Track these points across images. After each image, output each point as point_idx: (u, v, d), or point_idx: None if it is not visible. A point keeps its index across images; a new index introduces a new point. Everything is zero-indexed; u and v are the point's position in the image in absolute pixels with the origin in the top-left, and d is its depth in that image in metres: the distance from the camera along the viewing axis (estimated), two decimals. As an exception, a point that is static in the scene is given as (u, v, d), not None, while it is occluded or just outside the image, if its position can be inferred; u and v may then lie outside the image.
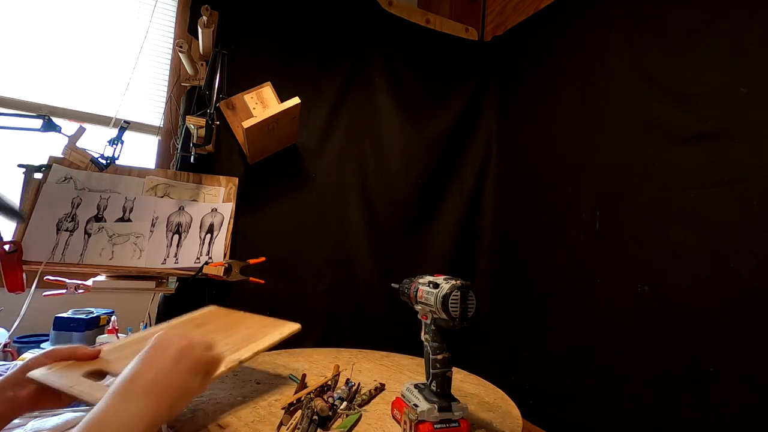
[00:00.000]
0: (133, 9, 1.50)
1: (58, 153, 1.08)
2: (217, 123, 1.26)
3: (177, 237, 1.21)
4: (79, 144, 1.08)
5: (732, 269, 0.90)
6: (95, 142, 1.12)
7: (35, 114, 1.01)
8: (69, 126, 1.07)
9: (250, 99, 1.35)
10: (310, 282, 1.45)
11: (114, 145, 1.12)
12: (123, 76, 1.39)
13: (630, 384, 1.07)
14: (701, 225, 0.96)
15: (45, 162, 1.12)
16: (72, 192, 1.13)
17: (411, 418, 0.67)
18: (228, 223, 1.27)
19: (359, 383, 0.92)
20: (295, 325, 0.88)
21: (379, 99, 1.62)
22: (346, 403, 0.80)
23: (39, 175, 1.10)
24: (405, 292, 0.80)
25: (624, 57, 1.19)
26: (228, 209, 1.29)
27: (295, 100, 1.24)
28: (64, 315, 1.17)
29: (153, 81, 1.51)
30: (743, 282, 0.88)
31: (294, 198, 1.45)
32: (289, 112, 1.25)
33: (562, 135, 1.38)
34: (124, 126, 1.13)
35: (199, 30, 1.22)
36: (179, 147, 1.26)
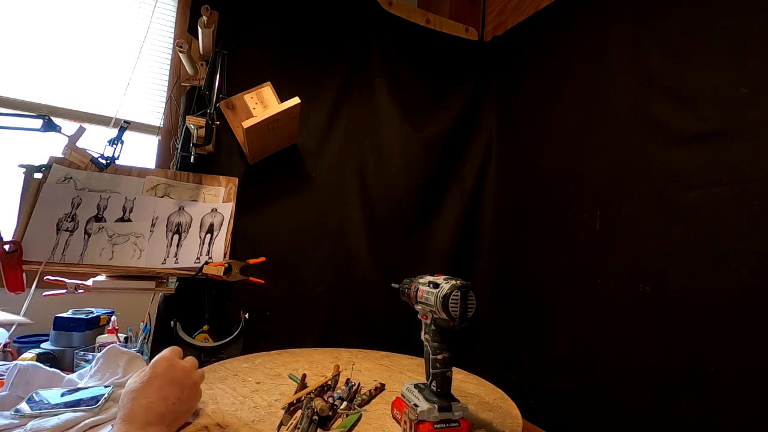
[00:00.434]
0: (133, 9, 1.50)
1: (58, 153, 1.08)
2: (217, 123, 1.26)
3: (177, 237, 1.21)
4: (79, 144, 1.07)
5: (732, 269, 0.90)
6: (95, 142, 1.12)
7: (35, 114, 1.00)
8: (69, 126, 1.07)
9: (250, 99, 1.35)
10: (310, 282, 1.45)
11: (114, 145, 1.12)
12: (123, 76, 1.39)
13: (630, 384, 1.07)
14: (701, 225, 0.96)
15: (45, 162, 1.12)
16: (72, 192, 1.13)
17: (411, 418, 0.67)
18: (228, 223, 1.27)
19: (359, 383, 0.92)
20: None
21: (379, 99, 1.62)
22: (346, 403, 0.80)
23: (39, 175, 1.10)
24: (405, 292, 0.80)
25: (624, 57, 1.19)
26: (228, 209, 1.29)
27: (295, 100, 1.24)
28: (64, 315, 1.17)
29: (153, 81, 1.51)
30: (743, 282, 0.88)
31: (294, 198, 1.45)
32: (289, 112, 1.25)
33: (562, 135, 1.38)
34: (124, 126, 1.13)
35: (199, 30, 1.22)
36: (179, 147, 1.26)
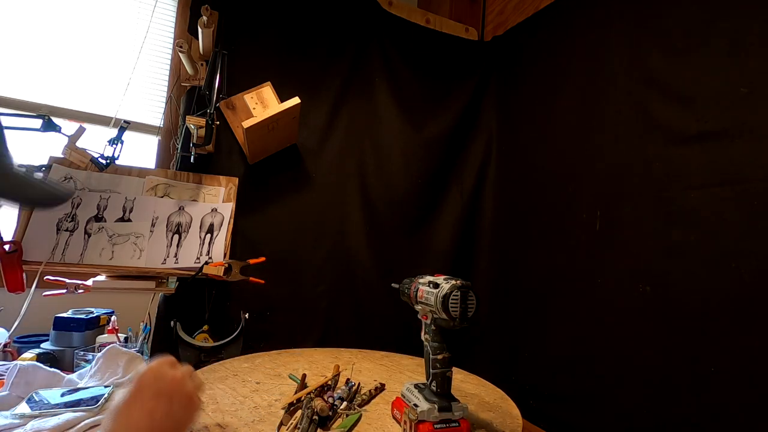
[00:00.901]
0: (133, 9, 1.50)
1: (58, 153, 1.08)
2: (217, 123, 1.26)
3: (177, 237, 1.21)
4: (79, 144, 1.08)
5: (732, 269, 0.90)
6: (95, 142, 1.12)
7: (35, 114, 1.01)
8: (69, 126, 1.07)
9: (250, 99, 1.35)
10: (310, 282, 1.45)
11: (114, 145, 1.12)
12: (123, 76, 1.39)
13: (630, 384, 1.07)
14: (701, 225, 0.96)
15: (45, 162, 1.12)
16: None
17: (411, 418, 0.67)
18: (228, 223, 1.27)
19: (359, 383, 0.92)
20: None
21: (379, 99, 1.62)
22: (346, 403, 0.80)
23: (39, 175, 1.10)
24: (405, 292, 0.80)
25: (624, 57, 1.19)
26: (228, 209, 1.29)
27: (295, 100, 1.24)
28: (64, 315, 1.17)
29: (153, 81, 1.51)
30: (743, 282, 0.88)
31: (294, 198, 1.45)
32: (289, 112, 1.25)
33: (562, 135, 1.38)
34: (124, 126, 1.13)
35: (199, 30, 1.22)
36: (179, 147, 1.26)
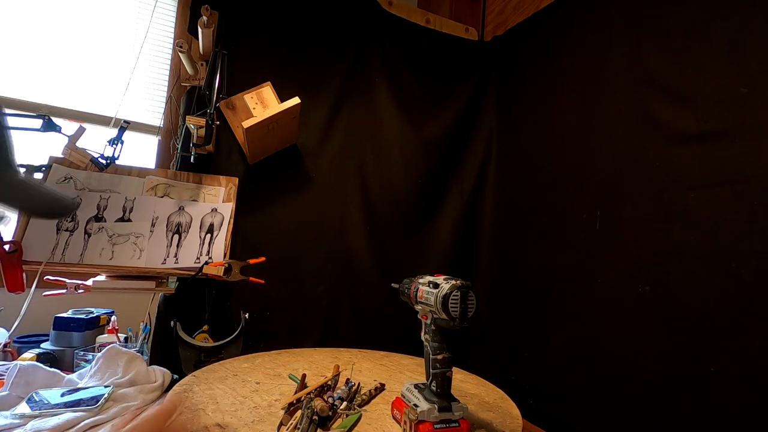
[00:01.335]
0: (133, 9, 1.50)
1: (58, 153, 1.08)
2: (217, 123, 1.26)
3: (177, 237, 1.21)
4: (79, 144, 1.08)
5: (732, 269, 0.90)
6: (95, 142, 1.12)
7: (35, 114, 1.01)
8: (69, 126, 1.07)
9: (250, 99, 1.35)
10: (310, 282, 1.45)
11: (114, 145, 1.12)
12: (123, 76, 1.39)
13: (630, 384, 1.07)
14: (701, 225, 0.96)
15: (45, 162, 1.12)
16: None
17: (411, 418, 0.67)
18: (228, 223, 1.27)
19: (359, 383, 0.92)
20: None
21: (379, 99, 1.62)
22: (346, 403, 0.80)
23: (39, 175, 1.10)
24: (405, 292, 0.80)
25: (624, 57, 1.19)
26: (228, 209, 1.29)
27: (295, 100, 1.24)
28: (64, 315, 1.17)
29: (153, 81, 1.51)
30: (743, 282, 0.88)
31: (294, 198, 1.45)
32: (289, 112, 1.25)
33: (562, 135, 1.38)
34: (124, 126, 1.13)
35: (199, 30, 1.22)
36: (179, 147, 1.26)
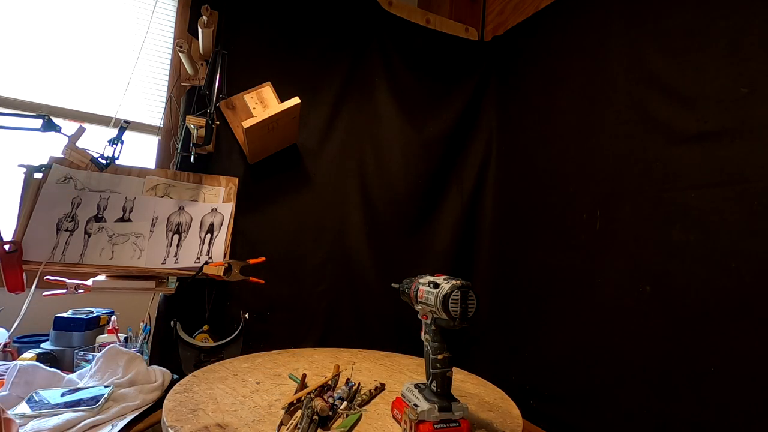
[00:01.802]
0: (133, 9, 1.50)
1: (58, 153, 1.08)
2: (217, 123, 1.26)
3: (177, 237, 1.21)
4: (79, 144, 1.08)
5: (732, 269, 0.90)
6: (95, 142, 1.12)
7: (35, 114, 1.01)
8: (69, 126, 1.07)
9: (250, 99, 1.35)
10: (310, 282, 1.45)
11: (114, 145, 1.12)
12: (123, 76, 1.39)
13: (630, 384, 1.07)
14: (701, 225, 0.96)
15: (45, 162, 1.12)
16: (72, 192, 1.13)
17: (411, 418, 0.67)
18: (228, 223, 1.27)
19: (359, 383, 0.92)
20: None
21: (379, 99, 1.62)
22: (346, 403, 0.80)
23: (39, 175, 1.10)
24: (405, 292, 0.80)
25: (624, 57, 1.19)
26: (228, 209, 1.29)
27: (295, 100, 1.24)
28: (64, 315, 1.17)
29: (153, 81, 1.51)
30: (743, 282, 0.88)
31: (294, 198, 1.45)
32: (289, 112, 1.25)
33: (562, 135, 1.38)
34: (124, 126, 1.13)
35: (199, 30, 1.22)
36: (179, 147, 1.26)
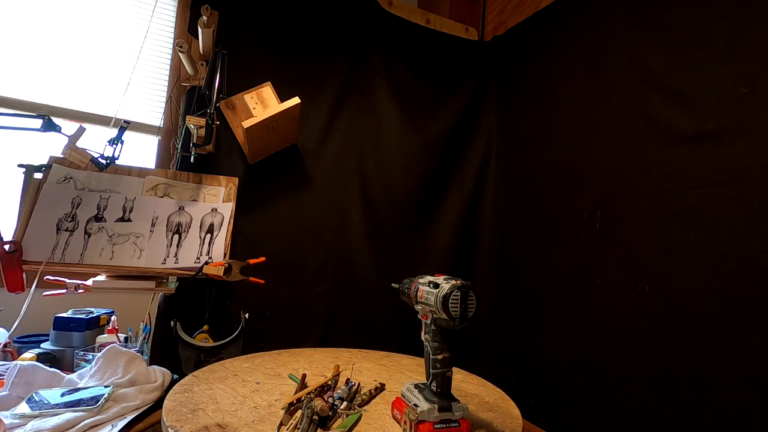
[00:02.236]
0: (133, 9, 1.50)
1: (58, 153, 1.08)
2: (217, 123, 1.26)
3: (177, 237, 1.21)
4: (79, 144, 1.08)
5: (732, 269, 0.90)
6: (95, 142, 1.12)
7: (35, 114, 1.01)
8: (69, 126, 1.07)
9: (250, 99, 1.35)
10: (310, 282, 1.45)
11: (114, 145, 1.12)
12: (123, 76, 1.39)
13: (630, 384, 1.07)
14: (701, 225, 0.96)
15: (45, 162, 1.12)
16: (72, 192, 1.13)
17: (411, 418, 0.67)
18: (228, 223, 1.27)
19: (359, 383, 0.92)
20: None
21: (379, 99, 1.62)
22: (346, 403, 0.80)
23: (39, 175, 1.10)
24: (405, 292, 0.80)
25: (624, 57, 1.19)
26: (228, 209, 1.29)
27: (295, 100, 1.24)
28: (64, 315, 1.17)
29: (153, 81, 1.51)
30: (743, 282, 0.88)
31: (294, 198, 1.45)
32: (289, 112, 1.25)
33: (562, 135, 1.38)
34: (124, 126, 1.13)
35: (199, 30, 1.22)
36: (179, 147, 1.26)
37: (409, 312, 0.81)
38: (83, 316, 1.18)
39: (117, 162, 1.14)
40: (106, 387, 0.90)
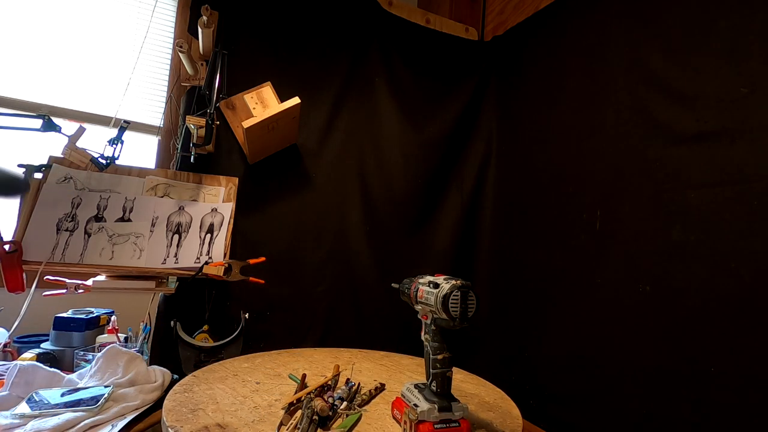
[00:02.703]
0: (133, 9, 1.50)
1: (58, 153, 1.08)
2: (217, 123, 1.26)
3: (177, 237, 1.21)
4: (79, 144, 1.08)
5: (732, 269, 0.90)
6: (95, 142, 1.12)
7: (35, 114, 1.01)
8: (69, 126, 1.07)
9: (250, 99, 1.35)
10: (310, 282, 1.45)
11: (114, 145, 1.12)
12: (123, 76, 1.39)
13: (630, 384, 1.07)
14: (701, 225, 0.96)
15: (45, 162, 1.12)
16: (72, 192, 1.13)
17: (411, 418, 0.67)
18: (228, 223, 1.27)
19: (359, 383, 0.92)
20: None
21: (379, 99, 1.62)
22: (346, 403, 0.80)
23: (39, 175, 1.10)
24: (405, 292, 0.80)
25: (624, 57, 1.19)
26: (228, 209, 1.29)
27: (295, 100, 1.24)
28: (64, 315, 1.17)
29: (153, 81, 1.51)
30: (743, 282, 0.88)
31: (294, 198, 1.45)
32: (289, 112, 1.25)
33: (562, 135, 1.38)
34: (124, 126, 1.13)
35: (199, 30, 1.22)
36: (179, 147, 1.26)
37: (409, 312, 0.81)
38: (83, 316, 1.18)
39: (117, 162, 1.14)
40: (106, 387, 0.90)
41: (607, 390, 1.12)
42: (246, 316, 1.26)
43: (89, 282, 1.08)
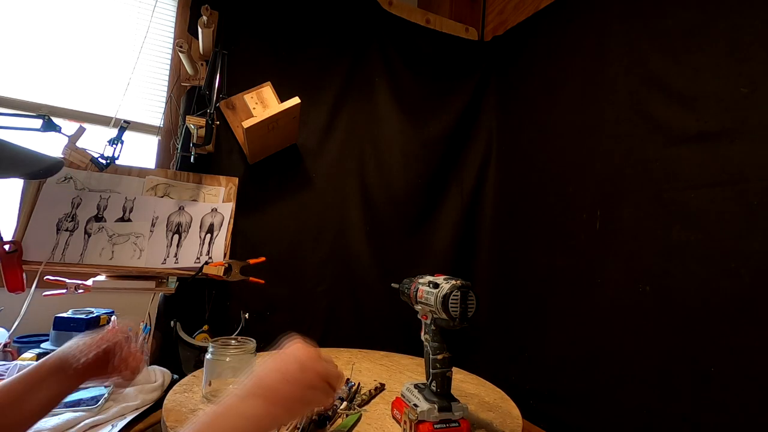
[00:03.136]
0: (133, 9, 1.50)
1: (58, 153, 1.08)
2: (217, 123, 1.26)
3: (177, 237, 1.21)
4: (79, 144, 1.07)
5: (732, 269, 0.90)
6: (95, 142, 1.12)
7: (35, 114, 1.00)
8: (69, 126, 1.07)
9: (250, 99, 1.35)
10: (310, 282, 1.45)
11: (114, 145, 1.12)
12: (123, 76, 1.39)
13: (630, 384, 1.07)
14: (701, 225, 0.96)
15: (45, 162, 1.12)
16: (72, 192, 1.13)
17: (411, 418, 0.67)
18: (228, 223, 1.27)
19: (359, 383, 0.92)
20: None
21: (379, 99, 1.62)
22: (346, 403, 0.80)
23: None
24: (405, 292, 0.80)
25: (624, 57, 1.19)
26: (228, 209, 1.29)
27: (295, 100, 1.24)
28: (64, 315, 1.17)
29: (153, 81, 1.51)
30: (743, 282, 0.88)
31: (294, 198, 1.45)
32: (289, 112, 1.25)
33: (562, 135, 1.38)
34: (124, 126, 1.13)
35: (199, 30, 1.22)
36: (179, 147, 1.26)
37: (409, 312, 0.81)
38: (83, 316, 1.18)
39: (117, 162, 1.14)
40: (106, 387, 0.90)
41: (607, 390, 1.12)
42: (246, 316, 1.26)
43: (89, 282, 1.08)
